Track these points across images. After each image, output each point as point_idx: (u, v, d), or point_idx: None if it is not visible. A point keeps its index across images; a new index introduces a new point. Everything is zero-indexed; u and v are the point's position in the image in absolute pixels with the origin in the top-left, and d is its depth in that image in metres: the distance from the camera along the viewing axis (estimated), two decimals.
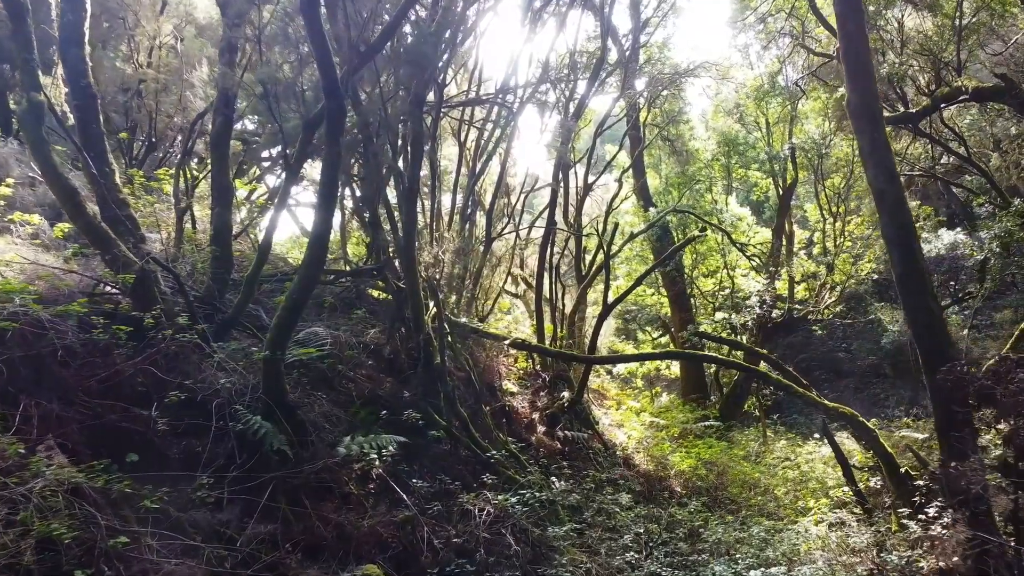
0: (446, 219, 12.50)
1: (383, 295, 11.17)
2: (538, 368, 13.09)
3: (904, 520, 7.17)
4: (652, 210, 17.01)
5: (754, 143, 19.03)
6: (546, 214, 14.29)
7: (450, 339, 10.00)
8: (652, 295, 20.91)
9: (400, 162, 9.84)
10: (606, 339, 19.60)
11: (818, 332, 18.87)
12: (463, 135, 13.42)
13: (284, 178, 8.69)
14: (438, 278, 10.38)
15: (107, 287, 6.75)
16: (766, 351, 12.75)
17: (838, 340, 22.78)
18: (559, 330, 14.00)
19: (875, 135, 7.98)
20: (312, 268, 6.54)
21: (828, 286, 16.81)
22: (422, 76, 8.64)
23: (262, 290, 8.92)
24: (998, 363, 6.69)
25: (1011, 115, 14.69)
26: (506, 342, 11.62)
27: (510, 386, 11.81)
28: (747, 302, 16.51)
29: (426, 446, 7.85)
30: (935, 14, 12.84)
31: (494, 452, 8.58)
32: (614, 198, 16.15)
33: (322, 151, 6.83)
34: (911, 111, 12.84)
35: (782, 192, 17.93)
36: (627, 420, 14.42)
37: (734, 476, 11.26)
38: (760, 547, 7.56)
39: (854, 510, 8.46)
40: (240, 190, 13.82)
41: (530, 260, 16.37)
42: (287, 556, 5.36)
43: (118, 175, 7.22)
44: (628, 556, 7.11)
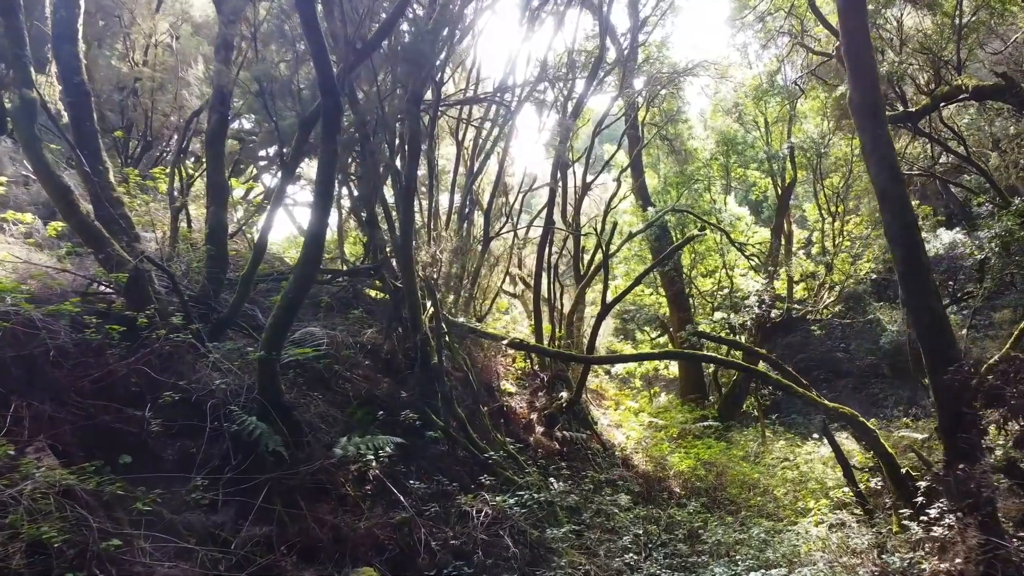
0: (444, 218, 12.45)
1: (380, 295, 11.12)
2: (536, 368, 13.05)
3: (905, 521, 7.13)
4: (650, 209, 16.94)
5: (753, 142, 19.00)
6: (544, 213, 14.25)
7: (448, 339, 9.96)
8: (650, 295, 20.87)
9: (397, 161, 9.79)
10: (604, 339, 19.57)
11: (817, 332, 18.85)
12: (461, 134, 13.37)
13: (280, 177, 8.61)
14: (436, 277, 10.32)
15: (101, 286, 6.70)
16: (765, 351, 12.70)
17: (836, 340, 22.78)
18: (557, 330, 13.95)
19: (877, 132, 7.92)
20: (308, 267, 6.49)
21: (827, 286, 16.78)
22: (419, 74, 8.58)
23: (258, 289, 8.87)
24: (1007, 363, 6.63)
25: (1010, 114, 14.66)
26: (504, 342, 11.57)
27: (508, 386, 11.77)
28: (746, 302, 16.46)
29: (423, 447, 7.81)
30: (934, 13, 12.81)
31: (492, 453, 8.53)
32: (612, 197, 16.11)
33: (318, 150, 6.75)
34: (910, 110, 12.80)
35: (781, 192, 17.89)
36: (626, 420, 14.39)
37: (733, 477, 11.22)
38: (760, 548, 7.52)
39: (854, 511, 8.42)
40: (237, 189, 13.79)
41: (528, 260, 16.33)
42: (282, 558, 5.32)
43: (112, 173, 7.14)
44: (627, 558, 7.08)
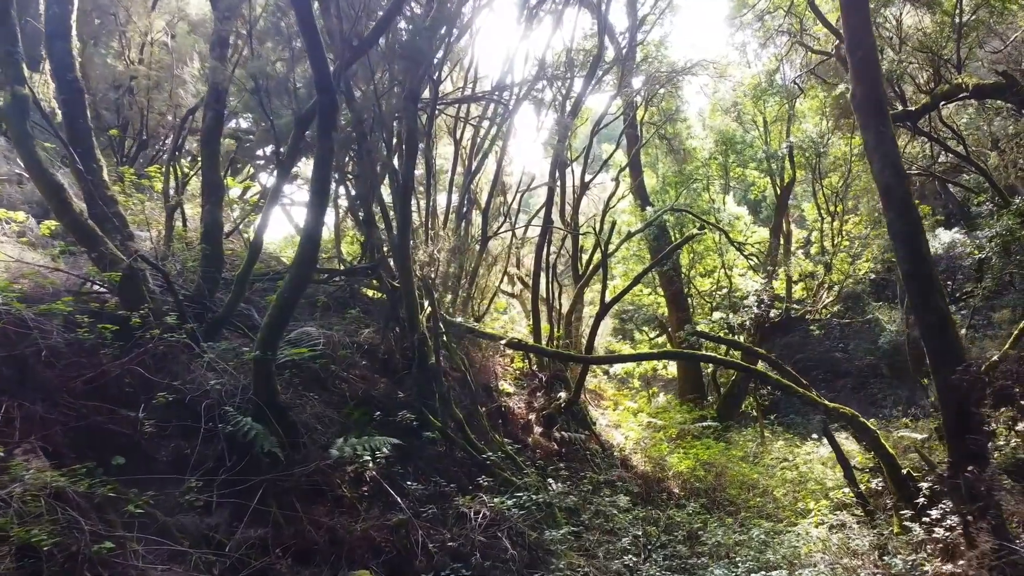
0: (441, 217, 12.38)
1: (377, 294, 11.06)
2: (535, 368, 12.99)
3: (907, 523, 7.07)
4: (649, 209, 16.88)
5: (752, 142, 18.96)
6: (542, 213, 14.18)
7: (445, 339, 9.89)
8: (649, 295, 20.82)
9: (395, 160, 9.72)
10: (603, 339, 19.51)
11: (815, 332, 18.81)
12: (459, 133, 13.30)
13: (276, 175, 8.55)
14: (433, 277, 10.26)
15: (94, 285, 6.63)
16: (764, 351, 12.65)
17: (835, 340, 22.77)
18: (556, 330, 13.89)
19: (881, 129, 7.86)
20: (304, 267, 6.43)
21: (826, 285, 16.74)
22: (417, 71, 8.51)
23: (254, 289, 8.81)
24: (1018, 363, 6.56)
25: (1009, 114, 14.63)
26: (502, 342, 11.50)
27: (506, 387, 11.71)
28: (744, 302, 16.42)
29: (421, 448, 7.74)
30: (934, 12, 12.78)
31: (490, 454, 8.46)
32: (611, 197, 16.05)
33: (315, 148, 6.69)
34: (910, 109, 12.76)
35: (780, 191, 17.85)
36: (624, 421, 14.33)
37: (732, 477, 11.15)
38: (760, 550, 7.47)
39: (855, 512, 8.36)
40: (233, 188, 13.74)
41: (526, 259, 16.27)
42: (277, 561, 5.26)
43: (106, 171, 7.07)
44: (626, 559, 7.02)
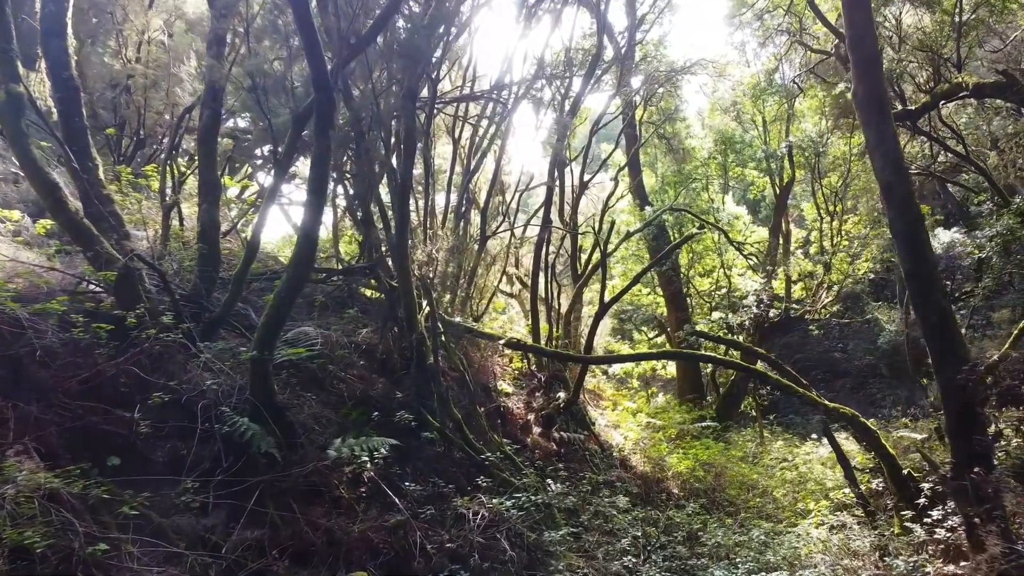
0: (440, 217, 12.33)
1: (375, 294, 11.01)
2: (533, 368, 12.95)
3: (908, 523, 7.03)
4: (648, 209, 16.84)
5: (751, 141, 18.94)
6: (541, 212, 14.14)
7: (444, 339, 9.85)
8: (648, 295, 20.78)
9: (393, 159, 9.67)
10: (602, 339, 19.48)
11: (815, 332, 18.78)
12: (457, 132, 13.25)
13: (273, 174, 8.50)
14: (432, 277, 10.21)
15: (90, 285, 6.58)
16: (763, 351, 12.61)
17: (834, 340, 22.75)
18: (555, 330, 13.85)
19: (882, 127, 7.81)
20: (301, 266, 6.38)
21: (825, 285, 16.72)
22: (415, 69, 8.46)
23: (251, 289, 8.76)
24: (1023, 363, 6.52)
25: (1008, 113, 14.61)
26: (501, 342, 11.45)
27: (505, 387, 11.66)
28: (744, 302, 16.38)
29: (419, 448, 7.70)
30: (933, 11, 12.75)
31: (489, 454, 8.42)
32: (610, 196, 16.00)
33: (312, 146, 6.64)
34: (910, 108, 12.73)
35: (779, 191, 17.81)
36: (623, 421, 14.28)
37: (732, 477, 11.12)
38: (760, 551, 7.44)
39: (855, 512, 8.33)
40: (231, 188, 13.68)
41: (525, 259, 16.22)
42: (274, 563, 5.22)
43: (102, 170, 7.01)
44: (626, 560, 6.98)
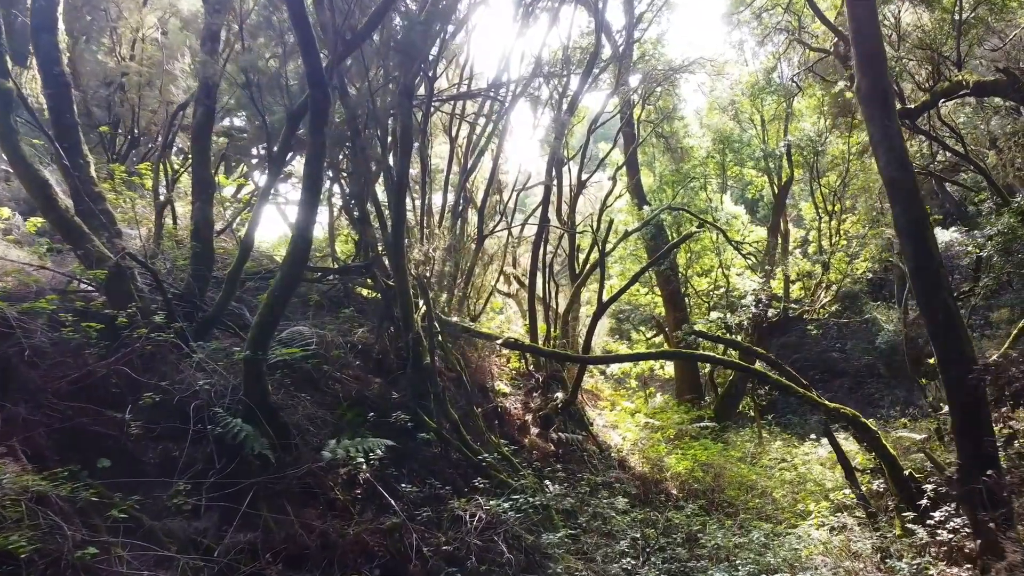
0: (437, 216, 12.24)
1: (372, 293, 10.93)
2: (531, 368, 12.87)
3: (909, 525, 6.96)
4: (646, 208, 16.78)
5: (749, 140, 18.89)
6: (539, 211, 14.06)
7: (440, 339, 9.77)
8: (646, 294, 20.70)
9: (389, 157, 9.59)
10: (600, 339, 19.38)
11: (813, 332, 18.72)
12: (454, 130, 13.17)
13: (268, 172, 8.41)
14: (428, 276, 10.12)
15: (81, 284, 6.48)
16: (763, 351, 12.54)
17: (832, 340, 22.72)
18: (552, 330, 13.77)
19: (886, 122, 7.72)
20: (295, 265, 6.29)
21: (823, 285, 16.67)
22: (411, 66, 8.38)
23: (246, 288, 8.67)
24: None
25: (1007, 112, 14.57)
26: (498, 342, 11.36)
27: (502, 387, 11.59)
28: (742, 301, 16.32)
29: (415, 449, 7.62)
30: (932, 9, 12.69)
31: (486, 455, 8.35)
32: (608, 196, 15.93)
33: (307, 144, 6.55)
34: (909, 107, 12.67)
35: (777, 190, 17.77)
36: (622, 421, 14.20)
37: (731, 478, 11.04)
38: (760, 552, 7.36)
39: (856, 513, 8.26)
40: (227, 187, 13.57)
41: (523, 258, 16.13)
42: (268, 566, 5.13)
43: (93, 167, 6.92)
44: (625, 562, 6.91)
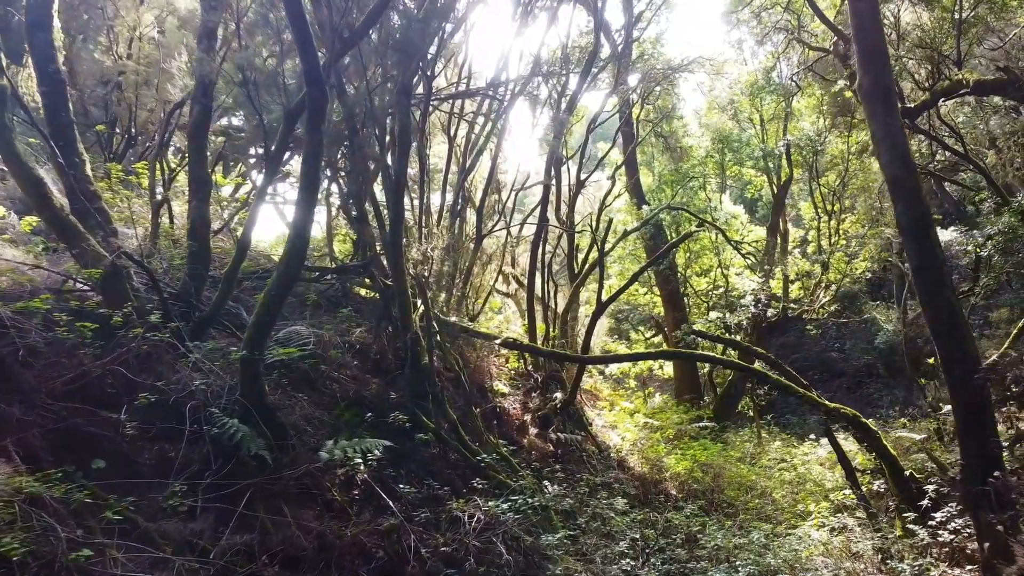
0: (435, 215, 12.20)
1: (370, 293, 10.89)
2: (530, 368, 12.83)
3: (910, 525, 6.93)
4: (645, 208, 16.77)
5: (748, 140, 18.87)
6: (538, 211, 14.03)
7: (439, 338, 9.73)
8: (645, 294, 20.68)
9: (387, 156, 9.54)
10: (599, 339, 19.33)
11: (812, 332, 18.71)
12: (453, 129, 13.13)
13: (265, 171, 8.36)
14: (427, 276, 10.07)
15: (76, 283, 6.43)
16: (762, 351, 12.51)
17: (831, 340, 22.71)
18: (551, 329, 13.73)
19: (888, 119, 7.66)
20: (292, 264, 6.24)
21: (823, 285, 16.65)
22: (410, 64, 8.34)
23: (243, 287, 8.63)
24: None
25: (1007, 112, 14.55)
26: (497, 341, 11.33)
27: (501, 387, 11.54)
28: (741, 301, 16.30)
29: (413, 450, 7.58)
30: (932, 8, 12.68)
31: (484, 455, 8.31)
32: (607, 195, 15.90)
33: (305, 144, 6.50)
34: (909, 106, 12.65)
35: (776, 190, 17.75)
36: (621, 421, 14.17)
37: (730, 478, 11.02)
38: (760, 553, 7.32)
39: (856, 514, 8.23)
40: (224, 186, 13.51)
41: (522, 258, 16.08)
42: (264, 568, 5.09)
43: (89, 166, 6.86)
44: (624, 563, 6.86)
